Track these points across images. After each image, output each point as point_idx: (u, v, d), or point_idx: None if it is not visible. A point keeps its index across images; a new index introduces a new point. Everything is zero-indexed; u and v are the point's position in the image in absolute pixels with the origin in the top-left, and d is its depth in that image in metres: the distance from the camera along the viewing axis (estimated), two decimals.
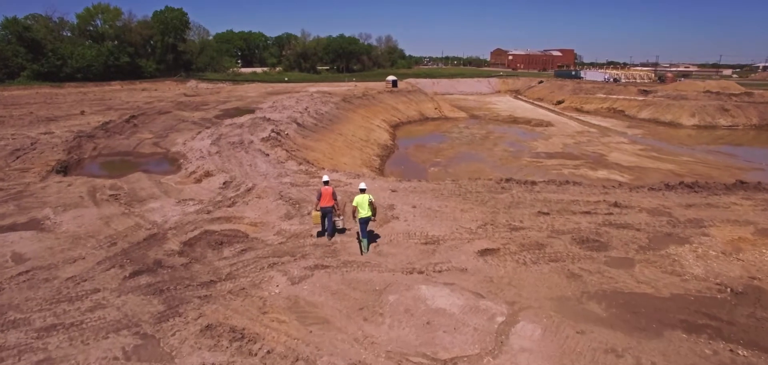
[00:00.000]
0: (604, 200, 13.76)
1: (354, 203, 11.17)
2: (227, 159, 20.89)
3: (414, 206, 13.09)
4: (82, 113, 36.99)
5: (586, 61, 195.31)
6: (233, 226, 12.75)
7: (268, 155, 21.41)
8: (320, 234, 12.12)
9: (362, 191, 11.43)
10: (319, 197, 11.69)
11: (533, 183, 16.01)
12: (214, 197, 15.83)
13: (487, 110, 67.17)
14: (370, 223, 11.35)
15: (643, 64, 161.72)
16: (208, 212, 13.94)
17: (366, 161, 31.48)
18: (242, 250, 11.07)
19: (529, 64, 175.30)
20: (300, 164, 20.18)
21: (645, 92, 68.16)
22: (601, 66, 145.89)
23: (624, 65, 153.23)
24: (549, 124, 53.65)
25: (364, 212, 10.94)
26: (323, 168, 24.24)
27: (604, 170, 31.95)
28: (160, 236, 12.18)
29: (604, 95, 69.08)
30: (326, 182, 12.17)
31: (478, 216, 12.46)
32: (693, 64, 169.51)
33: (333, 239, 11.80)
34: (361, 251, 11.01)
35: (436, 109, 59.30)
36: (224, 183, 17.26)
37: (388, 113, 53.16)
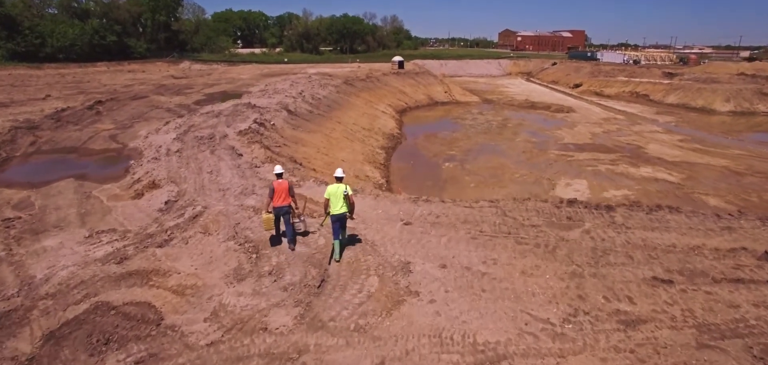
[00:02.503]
0: (743, 248, 8.47)
1: (326, 195, 8.61)
2: (186, 162, 15.65)
3: (443, 265, 7.81)
4: (46, 97, 31.74)
5: (595, 42, 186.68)
6: (147, 293, 7.62)
7: (240, 155, 16.15)
8: (275, 242, 9.27)
9: (338, 180, 8.80)
10: (272, 194, 8.95)
11: (610, 210, 10.68)
12: (146, 227, 10.68)
13: (500, 93, 61.34)
14: (347, 221, 8.77)
15: (655, 47, 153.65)
16: (122, 260, 8.79)
17: (369, 156, 26.16)
18: (138, 362, 5.97)
19: (538, 45, 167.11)
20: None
21: (670, 75, 61.94)
22: (613, 48, 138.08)
23: (636, 47, 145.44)
24: (570, 109, 47.95)
25: (338, 207, 8.42)
26: (315, 169, 18.94)
27: (648, 167, 26.50)
28: (18, 315, 7.10)
29: (626, 78, 62.96)
30: (279, 175, 9.32)
31: (552, 286, 7.23)
32: (708, 46, 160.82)
33: (295, 249, 8.96)
34: (331, 256, 8.49)
35: (445, 92, 53.58)
36: (166, 203, 12.06)
37: (394, 97, 47.55)
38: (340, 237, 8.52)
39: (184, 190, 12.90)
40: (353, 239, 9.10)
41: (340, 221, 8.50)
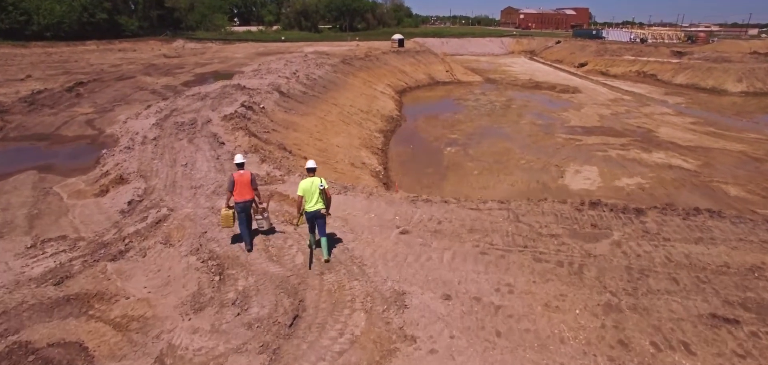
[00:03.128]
0: None
1: (300, 192, 7.58)
2: (161, 153, 14.00)
3: (447, 296, 6.22)
4: (26, 78, 29.88)
5: (599, 20, 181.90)
6: (82, 328, 6.12)
7: (222, 144, 14.48)
8: (236, 240, 8.32)
9: (310, 172, 7.84)
10: (231, 187, 7.99)
11: (639, 214, 9.08)
12: (102, 234, 9.13)
13: (503, 73, 59.09)
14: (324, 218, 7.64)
15: (661, 25, 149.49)
16: (62, 281, 7.26)
17: (366, 140, 24.49)
18: None
19: (541, 23, 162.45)
20: (263, 160, 13.26)
21: (679, 54, 59.56)
22: (618, 25, 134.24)
23: (641, 25, 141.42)
24: (576, 90, 45.92)
25: (313, 203, 7.50)
26: (306, 158, 17.33)
27: (661, 152, 24.79)
28: None
29: (633, 57, 60.55)
30: (240, 165, 8.27)
31: (584, 325, 5.65)
32: (715, 24, 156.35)
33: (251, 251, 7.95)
34: (310, 262, 7.51)
35: (447, 72, 51.43)
36: (130, 203, 10.49)
37: (393, 77, 45.49)
38: (324, 234, 7.61)
39: (153, 187, 11.30)
40: (339, 253, 7.58)
41: (316, 219, 7.58)
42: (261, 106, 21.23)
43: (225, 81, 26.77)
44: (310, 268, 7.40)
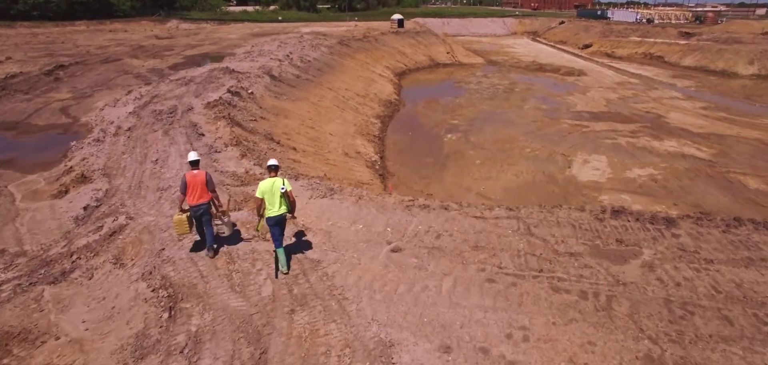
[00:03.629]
0: None
1: (259, 193, 6.64)
2: (133, 146, 12.59)
3: (446, 347, 4.82)
4: (5, 60, 28.24)
5: (603, 0, 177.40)
6: None
7: (202, 135, 13.05)
8: (199, 247, 7.31)
9: (272, 170, 6.83)
10: (184, 189, 6.91)
11: (671, 224, 7.72)
12: (49, 247, 7.83)
13: (506, 54, 57.10)
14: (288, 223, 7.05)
15: (667, 4, 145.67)
16: None
17: (362, 127, 23.03)
18: None
19: (544, 3, 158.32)
20: (244, 155, 11.83)
21: (687, 35, 57.43)
22: (622, 5, 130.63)
23: (646, 5, 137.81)
24: (581, 73, 44.12)
25: (276, 207, 6.57)
26: (295, 148, 15.91)
27: (672, 140, 23.32)
28: None
29: (639, 39, 58.38)
30: (194, 164, 7.11)
31: None
32: (722, 4, 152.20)
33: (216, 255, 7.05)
34: (276, 271, 6.64)
35: (448, 53, 49.52)
36: (86, 209, 9.15)
37: (392, 59, 43.66)
38: (280, 245, 6.74)
39: (115, 188, 9.94)
40: (316, 282, 6.28)
41: (279, 225, 6.71)
42: (249, 91, 19.74)
43: (215, 64, 25.18)
44: (284, 273, 6.60)
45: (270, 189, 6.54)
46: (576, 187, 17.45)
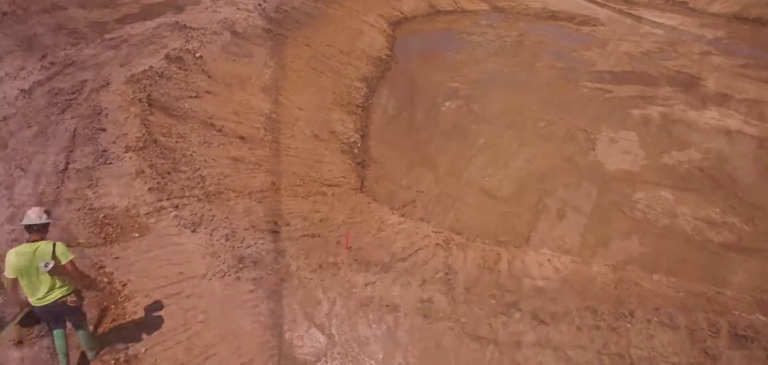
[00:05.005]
0: None
1: (10, 273, 4.33)
2: (6, 143, 8.92)
3: None
4: None
5: None
6: None
7: (103, 130, 9.37)
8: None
9: (31, 231, 4.36)
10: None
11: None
12: None
13: None
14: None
15: None
16: None
17: (341, 95, 19.09)
18: None
19: None
20: (142, 172, 8.17)
21: None
22: None
23: None
24: (597, 21, 39.12)
25: (42, 292, 4.38)
26: (243, 137, 12.14)
27: (712, 110, 19.51)
28: None
29: None
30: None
31: None
32: None
33: None
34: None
35: None
36: None
37: (387, 6, 38.38)
38: (82, 327, 4.85)
39: None
40: None
41: (56, 315, 4.59)
42: (197, 55, 15.68)
43: (162, 18, 20.72)
44: None
45: (27, 265, 4.29)
46: (603, 179, 13.95)
